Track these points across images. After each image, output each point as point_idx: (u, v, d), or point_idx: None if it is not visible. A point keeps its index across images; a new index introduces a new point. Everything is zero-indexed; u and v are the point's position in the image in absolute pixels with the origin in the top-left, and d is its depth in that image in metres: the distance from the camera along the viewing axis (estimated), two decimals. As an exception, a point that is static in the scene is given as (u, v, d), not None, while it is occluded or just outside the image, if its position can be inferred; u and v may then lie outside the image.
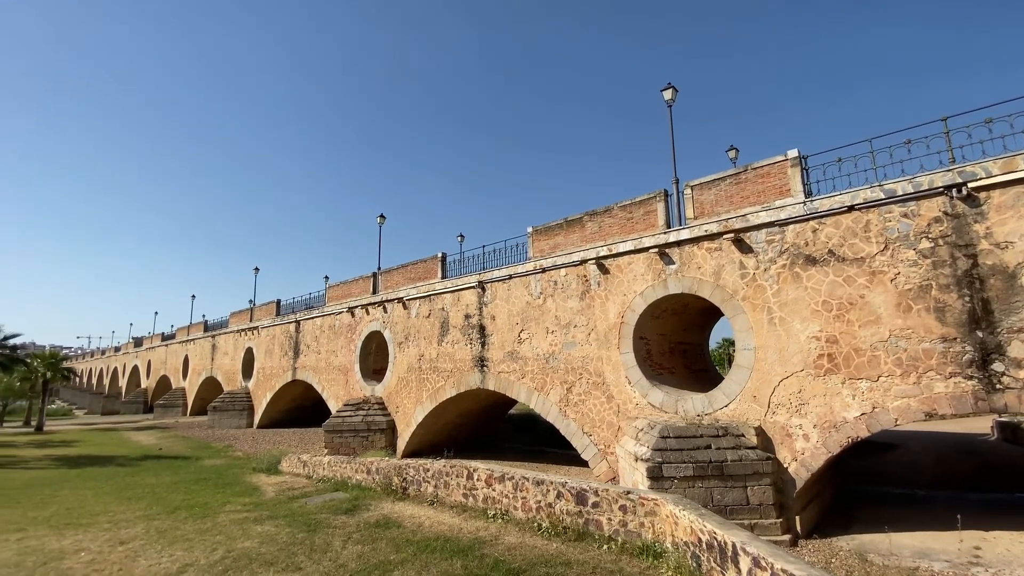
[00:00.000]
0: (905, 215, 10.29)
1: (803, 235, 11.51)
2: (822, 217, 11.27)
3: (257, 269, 44.15)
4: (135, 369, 61.29)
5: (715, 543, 7.03)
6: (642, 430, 12.22)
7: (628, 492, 9.03)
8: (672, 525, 8.22)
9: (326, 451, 21.22)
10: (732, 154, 22.89)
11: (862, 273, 10.64)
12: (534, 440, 24.93)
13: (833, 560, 9.38)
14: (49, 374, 37.42)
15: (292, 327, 31.97)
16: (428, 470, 12.69)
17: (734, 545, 6.61)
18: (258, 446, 24.97)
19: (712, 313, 15.68)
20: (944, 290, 9.74)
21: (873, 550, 9.69)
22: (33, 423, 38.82)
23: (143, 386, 58.12)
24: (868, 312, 10.47)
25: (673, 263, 13.59)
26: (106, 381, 70.63)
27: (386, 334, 23.76)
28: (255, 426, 33.99)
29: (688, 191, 13.84)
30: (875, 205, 10.61)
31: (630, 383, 13.94)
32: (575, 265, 15.92)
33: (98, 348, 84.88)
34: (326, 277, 32.01)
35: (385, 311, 24.04)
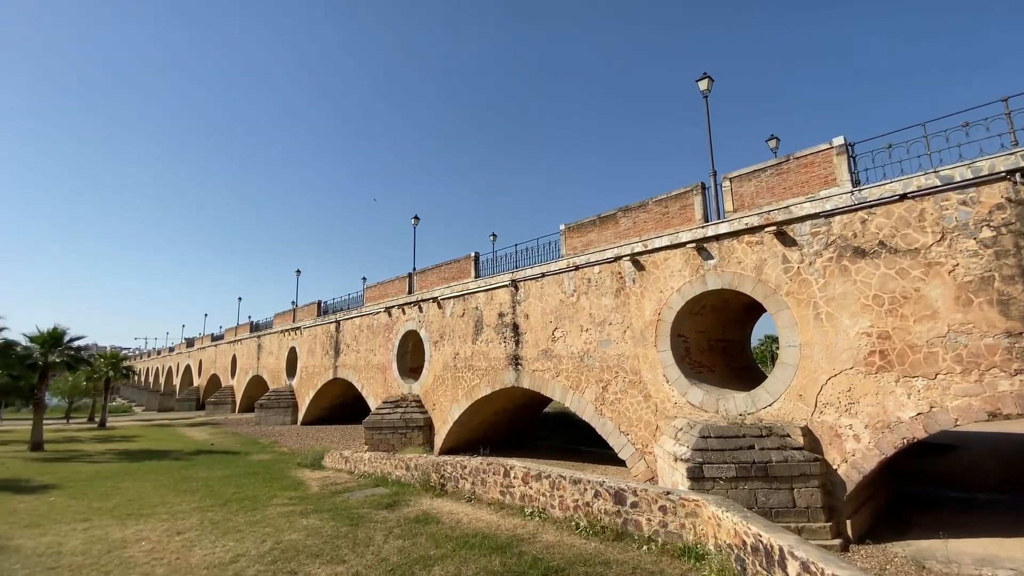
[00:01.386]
0: (964, 203, 9.67)
1: (851, 226, 10.99)
2: (872, 207, 10.73)
3: (299, 271, 45.71)
4: (187, 368, 64.56)
5: (761, 546, 6.81)
6: (681, 430, 11.97)
7: (668, 492, 8.86)
8: (714, 527, 8.02)
9: (366, 447, 21.77)
10: (773, 143, 22.08)
11: (917, 265, 10.07)
12: (569, 438, 24.82)
13: (888, 567, 8.95)
14: (111, 373, 39.88)
15: (332, 327, 32.92)
16: (465, 467, 12.82)
17: (781, 549, 6.39)
18: (302, 442, 25.86)
19: (754, 309, 15.20)
20: (1008, 282, 9.10)
21: (931, 557, 9.18)
22: (97, 419, 41.47)
23: (195, 384, 61.16)
24: (924, 306, 9.91)
25: (712, 258, 13.23)
26: (162, 380, 74.70)
27: (422, 333, 24.15)
28: (299, 423, 35.22)
29: (727, 183, 13.44)
30: (930, 193, 10.02)
31: (668, 381, 13.68)
32: (609, 262, 15.73)
33: (154, 348, 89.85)
34: (364, 278, 32.87)
35: (420, 311, 24.43)
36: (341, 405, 34.50)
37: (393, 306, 26.51)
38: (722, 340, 15.88)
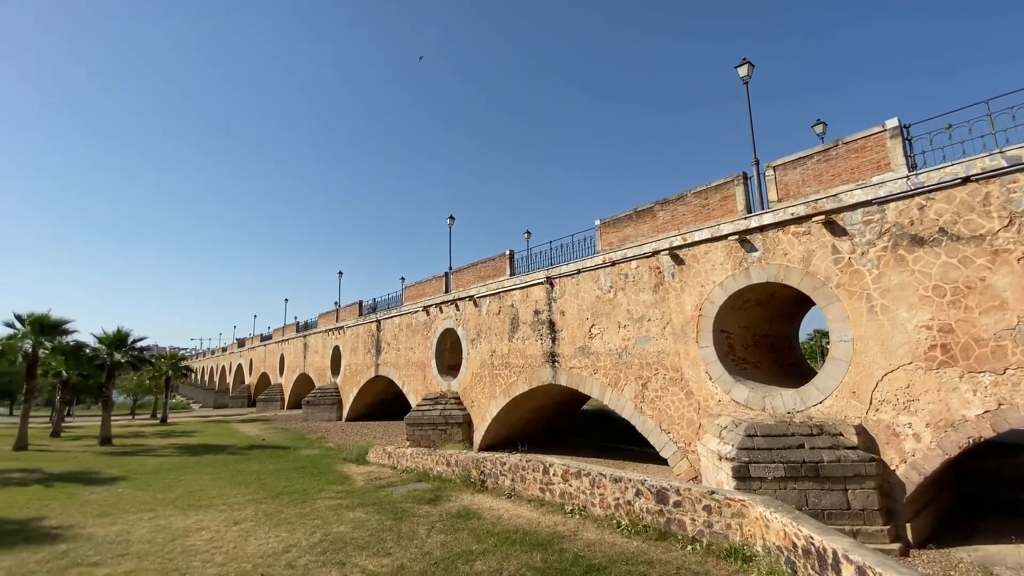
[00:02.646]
0: (1036, 184, 8.96)
1: (907, 213, 10.38)
2: (930, 192, 10.09)
3: (341, 273, 47.16)
4: (239, 367, 67.74)
5: (813, 549, 6.56)
6: (726, 428, 11.65)
7: (712, 492, 8.65)
8: (762, 528, 7.77)
9: (408, 443, 22.25)
10: (819, 129, 21.14)
11: (982, 253, 9.41)
12: (608, 436, 24.57)
13: (952, 573, 8.44)
14: (170, 372, 42.35)
15: (373, 326, 33.78)
16: (505, 464, 12.92)
17: (835, 552, 6.14)
18: (347, 438, 26.69)
19: (801, 302, 14.61)
20: (1090, 269, 8.38)
21: (999, 562, 8.59)
22: (159, 415, 44.12)
23: (246, 382, 64.10)
24: (990, 296, 9.25)
25: (755, 250, 12.78)
26: (216, 378, 78.74)
27: (459, 331, 24.44)
28: (343, 419, 36.37)
29: (770, 172, 12.94)
30: (996, 175, 9.32)
31: (711, 379, 13.33)
32: (647, 257, 15.44)
33: (208, 348, 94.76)
34: (402, 278, 33.57)
35: (457, 309, 24.73)
36: (383, 402, 35.40)
37: (430, 305, 26.95)
38: (768, 335, 15.33)
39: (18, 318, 25.22)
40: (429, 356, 26.76)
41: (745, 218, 13.03)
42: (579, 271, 17.74)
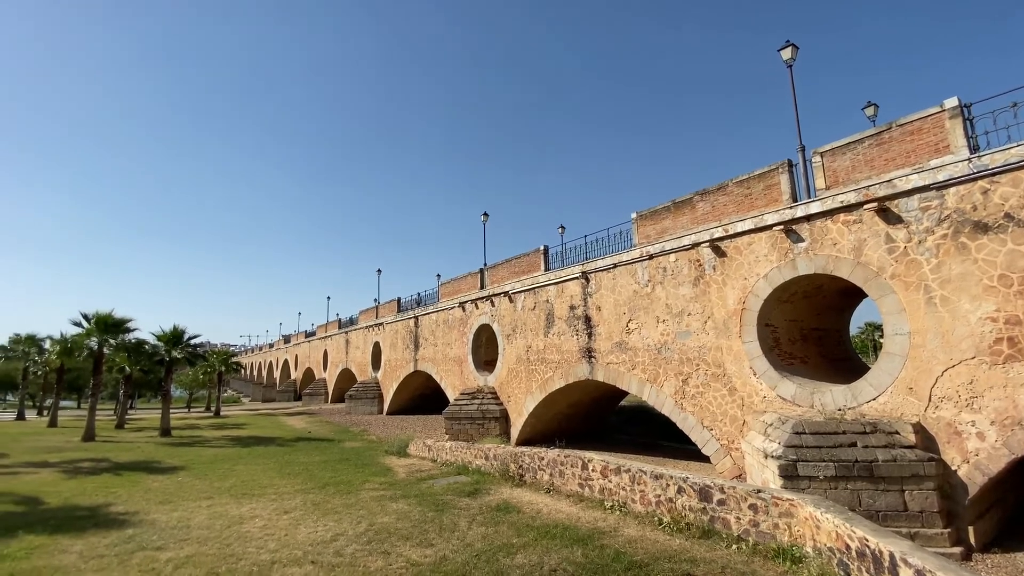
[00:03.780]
0: (1120, 163, 8.23)
1: (969, 198, 9.73)
2: (995, 175, 9.42)
3: (379, 271, 48.40)
4: (285, 363, 70.50)
5: (867, 551, 6.30)
6: (771, 425, 11.29)
7: (759, 491, 8.41)
8: (812, 529, 7.51)
9: (447, 437, 22.62)
10: (870, 111, 20.06)
11: (1057, 239, 8.73)
12: (647, 432, 24.25)
13: (1024, 581, 7.91)
14: (222, 368, 44.50)
15: (411, 322, 34.45)
16: (543, 459, 12.95)
17: (892, 555, 5.87)
18: (388, 431, 27.38)
19: (852, 294, 13.97)
20: None
21: (1081, 573, 7.99)
22: (212, 409, 46.46)
23: (292, 377, 66.67)
24: (1067, 286, 8.57)
25: (802, 240, 12.29)
26: (264, 373, 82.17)
27: (494, 327, 24.61)
28: (384, 413, 37.32)
29: (817, 159, 12.40)
30: (1074, 154, 8.62)
31: (755, 374, 12.93)
32: (686, 249, 15.10)
33: (256, 345, 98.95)
34: (438, 275, 34.04)
35: (492, 305, 24.89)
36: (422, 396, 36.10)
37: (466, 301, 27.23)
38: (816, 329, 14.73)
39: (85, 317, 27.06)
40: (465, 351, 27.07)
41: (791, 207, 12.54)
42: (615, 265, 17.53)
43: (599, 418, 25.00)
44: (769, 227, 12.88)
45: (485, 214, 30.43)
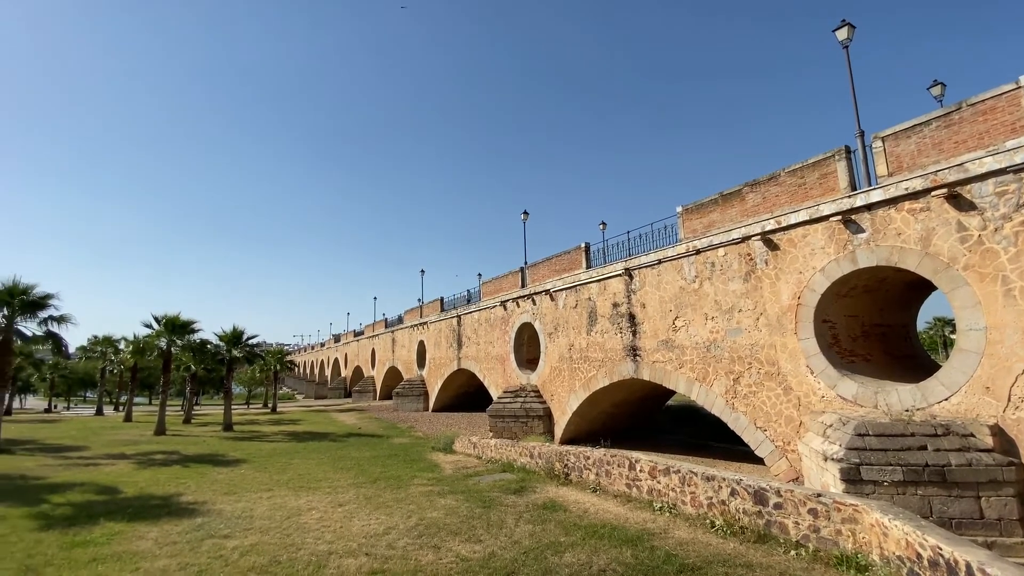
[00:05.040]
0: None
1: (1056, 181, 8.90)
2: (1088, 154, 8.58)
3: (423, 271, 49.35)
4: (335, 361, 73.15)
5: (941, 561, 5.90)
6: (831, 426, 10.75)
7: (819, 495, 8.03)
8: (879, 536, 7.10)
9: (491, 434, 22.83)
10: (937, 91, 18.72)
11: None
12: (695, 433, 23.62)
13: None
14: (278, 366, 46.68)
15: (454, 321, 34.96)
16: (589, 458, 12.86)
17: (968, 565, 5.48)
18: (434, 428, 27.93)
19: (919, 288, 13.07)
20: None
21: None
22: (269, 405, 48.82)
23: (342, 375, 69.10)
24: None
25: (862, 231, 11.61)
26: (316, 371, 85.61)
27: (536, 325, 24.60)
28: (430, 410, 38.08)
29: (878, 144, 11.67)
30: None
31: (812, 373, 12.34)
32: (735, 243, 14.58)
33: (308, 344, 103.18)
34: (479, 274, 34.43)
35: (534, 303, 24.89)
36: (466, 394, 36.59)
37: (508, 300, 27.36)
38: (879, 325, 13.88)
39: (155, 319, 29.04)
40: (508, 350, 27.22)
41: (849, 196, 11.87)
42: (660, 261, 17.14)
43: (645, 417, 24.55)
44: (826, 218, 12.24)
45: (525, 212, 30.45)
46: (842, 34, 13.52)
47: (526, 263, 27.19)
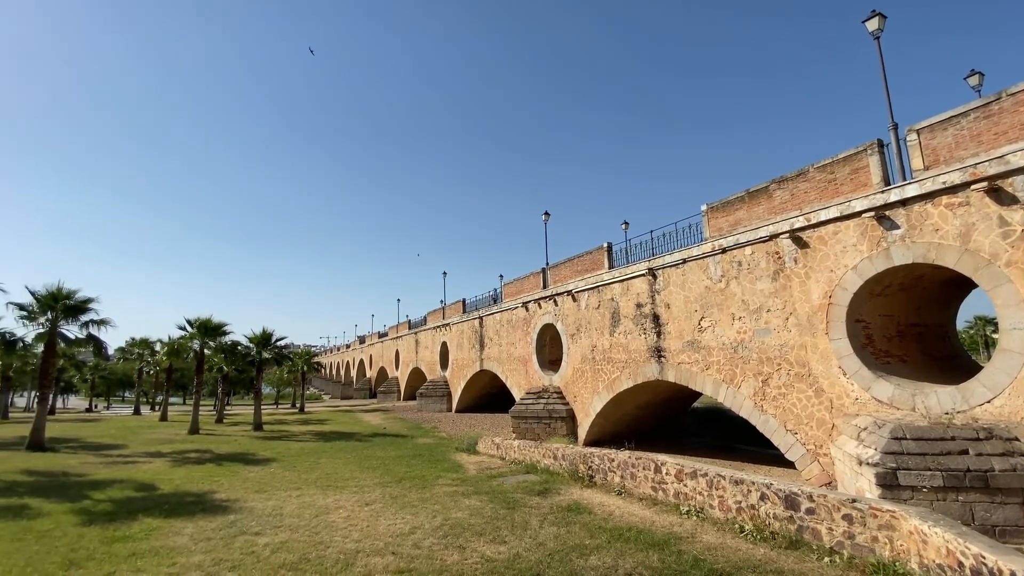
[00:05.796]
0: None
1: (1109, 171, 8.45)
2: None
3: (445, 273, 49.75)
4: (361, 362, 74.26)
5: (984, 570, 5.66)
6: (866, 429, 10.41)
7: (854, 500, 7.78)
8: (918, 543, 6.85)
9: (514, 435, 22.83)
10: (974, 80, 17.96)
11: None
12: (722, 435, 23.15)
13: None
14: (305, 367, 47.66)
15: (476, 323, 35.11)
16: (613, 460, 12.74)
17: (1013, 574, 5.24)
18: (457, 428, 28.09)
19: (958, 285, 12.58)
20: None
21: None
22: (297, 405, 49.89)
23: (367, 376, 70.11)
24: None
25: (897, 227, 11.22)
26: (342, 372, 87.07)
27: (558, 326, 24.51)
28: (453, 410, 38.33)
29: (912, 136, 11.28)
30: None
31: (845, 374, 11.98)
32: (763, 241, 14.26)
33: (334, 345, 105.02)
34: (500, 276, 34.45)
35: (555, 304, 24.81)
36: (488, 395, 36.71)
37: (529, 301, 27.34)
38: (916, 324, 13.39)
39: (188, 322, 29.98)
40: (530, 351, 27.19)
41: (883, 191, 11.49)
42: (684, 260, 16.89)
43: (670, 420, 24.21)
44: (858, 214, 11.88)
45: (546, 213, 30.41)
46: (872, 24, 13.12)
47: (547, 264, 27.13)
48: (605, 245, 21.71)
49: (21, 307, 21.71)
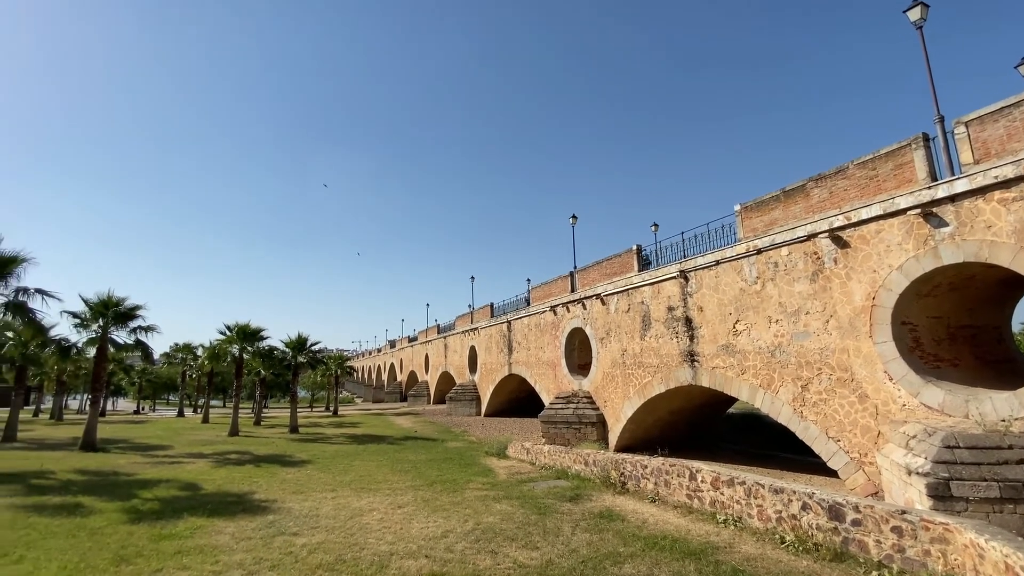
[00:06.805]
0: None
1: None
2: None
3: (473, 277, 50.10)
4: (391, 366, 75.45)
5: (1053, 591, 5.29)
6: (915, 437, 9.92)
7: (903, 512, 7.42)
8: (975, 558, 6.47)
9: (543, 440, 22.72)
10: (1029, 68, 16.95)
11: None
12: (759, 442, 22.45)
13: None
14: (338, 371, 48.70)
15: (504, 327, 35.18)
16: (646, 466, 12.53)
17: (1089, 598, 4.88)
18: (486, 432, 28.15)
19: (1013, 285, 11.90)
20: None
21: None
22: (331, 408, 50.98)
23: (398, 379, 71.14)
24: None
25: (946, 225, 10.69)
26: (373, 376, 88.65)
27: (587, 330, 24.31)
28: (482, 414, 38.45)
29: (960, 129, 10.74)
30: None
31: (891, 379, 11.45)
32: (800, 241, 13.82)
33: (366, 350, 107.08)
34: (528, 280, 34.46)
35: (584, 308, 24.61)
36: (517, 399, 36.68)
37: (557, 305, 27.22)
38: (967, 326, 12.70)
39: (227, 327, 31.08)
40: (558, 355, 27.05)
41: (929, 187, 10.98)
42: (718, 262, 16.52)
43: (704, 426, 23.64)
44: (902, 211, 11.38)
45: (574, 216, 30.25)
46: (914, 14, 12.58)
47: (575, 267, 26.97)
48: (634, 247, 21.45)
49: (75, 314, 22.93)
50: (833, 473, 12.95)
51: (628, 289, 21.13)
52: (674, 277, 18.38)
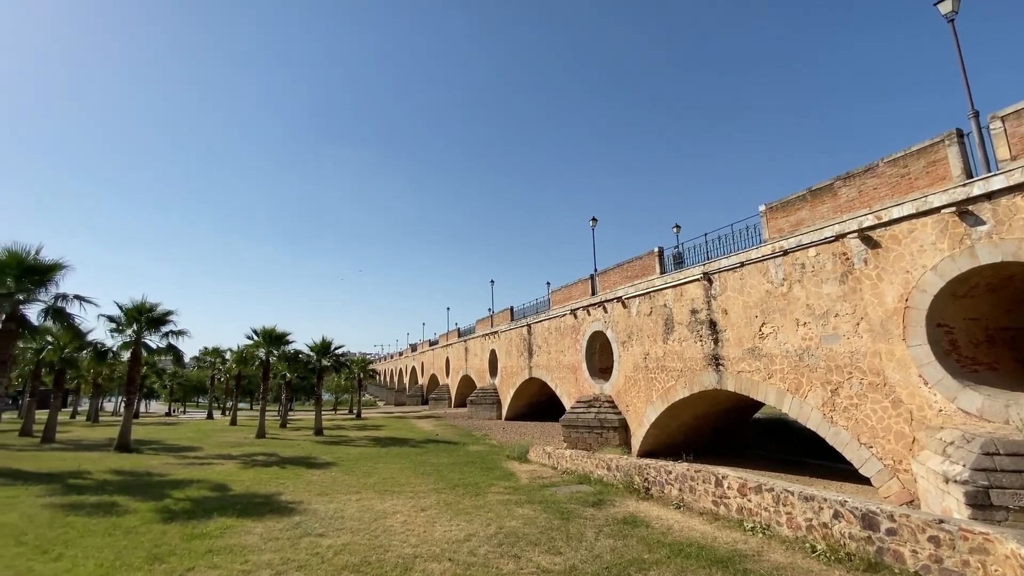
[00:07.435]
0: None
1: None
2: None
3: (493, 281, 50.40)
4: (413, 369, 76.13)
5: (1107, 608, 5.03)
6: (952, 443, 9.56)
7: (940, 521, 7.16)
8: (1016, 569, 6.20)
9: (565, 444, 22.60)
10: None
11: None
12: (787, 448, 21.90)
13: None
14: (361, 375, 49.36)
15: (524, 330, 35.16)
16: (671, 472, 12.35)
17: None
18: (508, 436, 28.14)
19: (1058, 285, 11.36)
20: None
21: None
22: (354, 411, 51.67)
23: (419, 383, 71.72)
24: None
25: (982, 223, 10.31)
26: (395, 379, 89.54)
27: (608, 334, 24.11)
28: (503, 418, 38.45)
29: (996, 124, 10.36)
30: None
31: (926, 384, 11.07)
32: (828, 242, 13.48)
33: (388, 353, 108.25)
34: (548, 283, 34.46)
35: (605, 311, 24.43)
36: (538, 403, 36.57)
37: (578, 308, 27.08)
38: (1007, 328, 12.18)
39: (254, 331, 31.81)
40: (579, 359, 26.89)
41: (964, 185, 10.60)
42: (742, 264, 16.22)
43: (730, 431, 23.19)
44: (936, 210, 11.00)
45: (594, 219, 30.10)
46: (945, 7, 12.18)
47: (596, 270, 26.81)
48: (656, 250, 21.22)
49: (111, 319, 23.78)
50: (865, 480, 12.56)
51: (650, 292, 20.90)
52: (697, 279, 18.11)
